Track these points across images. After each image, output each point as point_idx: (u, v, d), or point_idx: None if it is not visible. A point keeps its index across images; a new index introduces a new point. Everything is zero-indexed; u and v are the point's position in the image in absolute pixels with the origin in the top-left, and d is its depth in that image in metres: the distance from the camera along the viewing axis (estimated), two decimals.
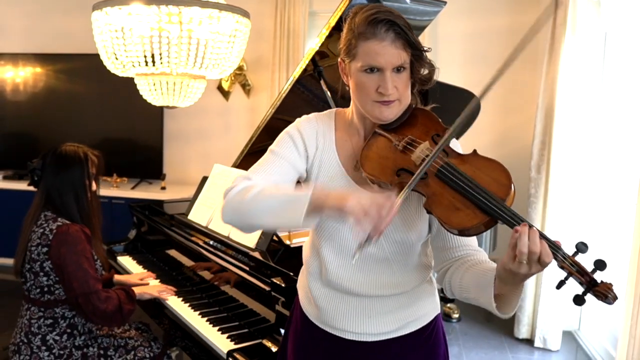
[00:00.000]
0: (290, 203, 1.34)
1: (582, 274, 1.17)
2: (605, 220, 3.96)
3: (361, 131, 1.56)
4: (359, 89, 1.44)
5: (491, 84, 1.29)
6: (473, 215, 1.25)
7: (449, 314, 4.50)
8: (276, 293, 2.10)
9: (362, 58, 1.40)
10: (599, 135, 4.09)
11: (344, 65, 1.49)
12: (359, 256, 1.29)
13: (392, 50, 1.37)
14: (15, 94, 5.68)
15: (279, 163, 1.53)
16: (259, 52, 5.42)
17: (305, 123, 1.59)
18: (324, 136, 1.57)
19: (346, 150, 1.56)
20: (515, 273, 1.20)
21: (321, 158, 1.56)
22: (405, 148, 1.43)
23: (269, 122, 2.92)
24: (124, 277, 2.89)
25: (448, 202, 1.29)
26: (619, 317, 3.22)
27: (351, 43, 1.42)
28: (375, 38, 1.37)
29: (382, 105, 1.42)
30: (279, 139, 1.59)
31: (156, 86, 3.16)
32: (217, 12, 2.86)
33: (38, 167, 2.47)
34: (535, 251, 1.16)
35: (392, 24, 1.37)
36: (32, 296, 2.37)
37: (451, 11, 4.46)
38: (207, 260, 2.60)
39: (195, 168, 5.70)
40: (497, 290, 1.30)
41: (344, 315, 1.58)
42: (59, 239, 2.30)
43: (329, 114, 1.63)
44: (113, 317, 2.36)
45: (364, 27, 1.39)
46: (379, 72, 1.39)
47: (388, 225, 1.23)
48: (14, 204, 5.28)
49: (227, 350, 2.11)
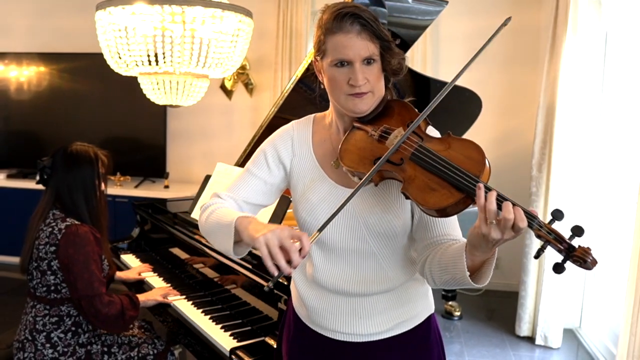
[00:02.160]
0: (224, 228, 1.43)
1: (560, 241, 1.17)
2: (606, 218, 3.97)
3: (341, 129, 1.57)
4: (332, 84, 1.46)
5: (463, 70, 1.38)
6: (449, 194, 1.26)
7: (450, 312, 4.51)
8: (278, 291, 2.10)
9: (331, 53, 1.42)
10: (599, 134, 4.10)
11: (317, 64, 1.51)
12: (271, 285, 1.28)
13: (358, 42, 1.39)
14: (19, 93, 5.71)
15: (251, 181, 1.61)
16: (261, 52, 5.44)
17: (278, 136, 1.64)
18: (299, 142, 1.61)
19: (325, 149, 1.58)
20: (488, 237, 1.20)
21: (299, 164, 1.59)
22: (380, 137, 1.44)
23: (271, 121, 2.94)
24: (124, 274, 2.92)
25: (423, 184, 1.30)
26: (619, 315, 3.23)
27: (320, 40, 1.45)
28: (341, 31, 1.40)
29: (355, 98, 1.44)
30: (253, 157, 1.65)
31: (159, 85, 3.18)
32: (220, 12, 2.87)
33: (48, 165, 2.48)
34: (509, 214, 1.16)
35: (357, 17, 1.39)
36: (38, 294, 2.38)
37: (453, 11, 4.49)
38: (210, 258, 2.62)
39: (198, 167, 5.72)
40: (470, 259, 1.29)
41: (334, 315, 1.58)
42: (68, 239, 2.32)
43: (307, 119, 1.66)
44: (115, 322, 2.37)
45: (330, 22, 1.41)
46: (349, 65, 1.41)
47: (298, 264, 1.24)
48: (18, 202, 5.32)
49: (229, 347, 2.11)
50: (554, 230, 1.19)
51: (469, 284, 1.32)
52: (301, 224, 1.58)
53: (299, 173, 1.59)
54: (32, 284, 2.41)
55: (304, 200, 1.55)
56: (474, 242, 1.26)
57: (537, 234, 1.19)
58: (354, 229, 1.50)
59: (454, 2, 3.45)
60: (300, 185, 1.58)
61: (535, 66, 4.93)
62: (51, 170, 2.47)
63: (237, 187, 1.61)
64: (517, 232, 1.18)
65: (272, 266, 1.24)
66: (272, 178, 1.61)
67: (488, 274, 1.32)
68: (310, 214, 1.53)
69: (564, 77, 3.87)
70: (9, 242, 5.36)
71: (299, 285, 1.66)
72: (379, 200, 1.48)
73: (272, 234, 1.26)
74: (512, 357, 3.91)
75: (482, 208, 1.19)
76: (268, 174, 1.61)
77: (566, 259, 1.17)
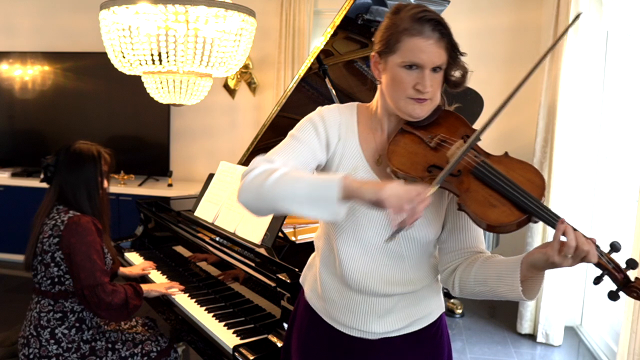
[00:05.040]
0: (320, 188, 1.29)
1: (618, 270, 1.22)
2: (607, 216, 3.98)
3: (385, 126, 1.56)
4: (395, 83, 1.44)
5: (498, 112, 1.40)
6: (509, 212, 1.27)
7: (452, 310, 4.52)
8: (281, 289, 2.11)
9: (404, 53, 1.41)
10: (600, 133, 4.11)
11: (377, 58, 1.49)
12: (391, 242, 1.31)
13: (435, 50, 1.39)
14: (23, 92, 5.73)
15: (299, 148, 1.51)
16: (264, 51, 5.45)
17: (328, 112, 1.57)
18: (346, 127, 1.57)
19: (369, 143, 1.56)
20: (555, 265, 1.24)
21: (343, 149, 1.55)
22: (438, 145, 1.44)
23: (274, 120, 2.95)
24: (128, 270, 2.95)
25: (483, 199, 1.31)
26: (620, 312, 3.24)
27: (393, 38, 1.42)
28: (422, 36, 1.38)
29: (415, 103, 1.43)
30: (300, 124, 1.56)
31: (163, 84, 3.19)
32: (223, 11, 2.89)
33: (52, 163, 2.51)
34: (585, 250, 1.20)
35: (438, 24, 1.40)
36: (42, 288, 2.40)
37: (454, 10, 4.49)
38: (213, 256, 2.64)
39: (201, 165, 5.74)
40: (523, 276, 1.33)
41: (352, 313, 1.59)
42: (70, 229, 2.34)
43: (351, 106, 1.62)
44: (119, 310, 2.38)
45: (410, 23, 1.39)
46: (419, 69, 1.41)
47: (420, 216, 1.24)
48: (22, 200, 5.34)
49: (233, 345, 2.12)
50: (613, 260, 1.24)
51: (517, 298, 1.35)
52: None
53: (342, 158, 1.55)
54: (36, 279, 2.43)
55: None
56: (537, 264, 1.30)
57: (597, 262, 1.23)
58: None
59: (456, 1, 3.45)
60: (340, 170, 1.55)
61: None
62: (55, 169, 2.50)
63: (284, 152, 1.50)
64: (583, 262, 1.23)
65: (396, 218, 1.22)
66: (319, 149, 1.54)
67: (539, 288, 1.37)
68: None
69: (565, 76, 3.88)
70: (13, 240, 5.39)
71: (324, 277, 1.64)
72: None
73: (398, 186, 1.24)
74: (513, 354, 3.92)
75: (558, 240, 1.23)
76: (317, 143, 1.53)
77: (620, 288, 1.23)
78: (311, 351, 1.70)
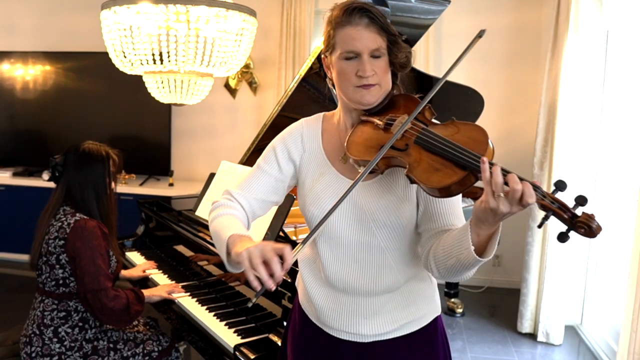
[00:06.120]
0: (220, 241, 1.46)
1: (563, 209, 1.16)
2: (607, 215, 3.98)
3: (348, 125, 1.60)
4: (340, 76, 1.49)
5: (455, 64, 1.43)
6: (452, 173, 1.27)
7: (452, 309, 4.53)
8: (282, 288, 2.12)
9: (340, 46, 1.46)
10: (601, 132, 4.12)
11: (327, 60, 1.56)
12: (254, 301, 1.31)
13: (366, 34, 1.44)
14: (24, 91, 5.74)
15: (262, 178, 1.64)
16: (265, 51, 5.46)
17: (288, 132, 1.67)
18: (309, 138, 1.64)
19: (334, 145, 1.61)
20: (496, 211, 1.20)
21: (309, 159, 1.62)
22: (386, 125, 1.47)
23: (275, 120, 2.96)
24: (129, 272, 2.95)
25: (428, 165, 1.32)
26: (621, 311, 3.25)
27: (330, 34, 1.50)
28: (350, 24, 1.44)
29: (362, 90, 1.47)
30: (264, 153, 1.68)
31: (164, 84, 3.20)
32: (224, 11, 2.89)
33: (60, 162, 2.52)
34: (517, 188, 1.17)
35: (365, 11, 1.44)
36: (47, 289, 2.41)
37: (455, 9, 4.51)
38: (215, 255, 2.64)
39: (202, 165, 5.75)
40: (475, 234, 1.28)
41: (339, 315, 1.59)
42: (76, 233, 2.35)
43: (317, 117, 1.70)
44: (120, 316, 2.39)
45: (340, 17, 1.47)
46: (357, 57, 1.45)
47: (281, 278, 1.26)
48: (23, 200, 5.35)
49: (234, 344, 2.13)
50: (557, 199, 1.18)
51: (473, 260, 1.29)
52: (308, 218, 1.60)
53: (308, 168, 1.62)
54: (40, 279, 2.43)
55: (311, 194, 1.58)
56: (481, 216, 1.25)
57: (541, 203, 1.19)
58: (361, 221, 1.52)
59: (457, 0, 3.47)
60: (308, 180, 1.61)
61: (536, 65, 4.95)
62: (63, 168, 2.51)
63: (248, 183, 1.64)
64: (525, 206, 1.18)
65: (254, 279, 1.27)
66: (282, 175, 1.64)
67: (493, 247, 1.31)
68: (315, 203, 1.55)
69: (566, 76, 3.88)
70: (16, 240, 5.40)
71: (308, 283, 1.67)
72: (386, 190, 1.50)
73: (255, 248, 1.30)
74: (514, 353, 3.93)
75: (488, 181, 1.20)
76: (278, 171, 1.64)
77: (570, 227, 1.16)
78: (304, 354, 1.71)
